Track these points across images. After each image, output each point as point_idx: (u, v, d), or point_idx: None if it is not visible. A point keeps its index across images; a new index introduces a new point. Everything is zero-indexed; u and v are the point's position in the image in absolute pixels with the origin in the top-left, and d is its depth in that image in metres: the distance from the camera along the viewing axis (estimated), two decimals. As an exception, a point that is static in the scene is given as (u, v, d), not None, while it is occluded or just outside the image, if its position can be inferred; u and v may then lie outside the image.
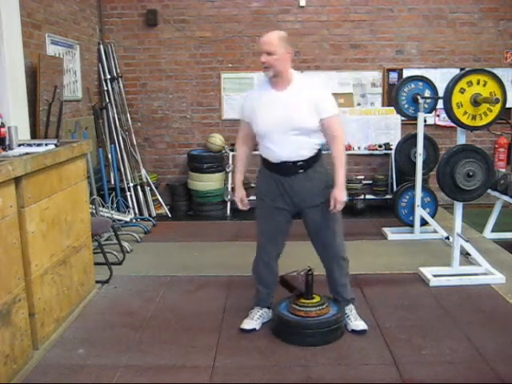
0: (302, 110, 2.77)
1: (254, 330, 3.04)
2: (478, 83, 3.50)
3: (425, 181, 5.26)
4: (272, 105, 2.81)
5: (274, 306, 3.08)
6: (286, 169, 2.85)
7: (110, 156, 5.72)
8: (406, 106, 4.89)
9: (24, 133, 3.76)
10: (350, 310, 3.09)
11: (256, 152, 3.03)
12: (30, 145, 3.18)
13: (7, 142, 3.07)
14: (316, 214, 2.94)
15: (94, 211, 4.70)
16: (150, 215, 5.85)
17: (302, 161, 2.85)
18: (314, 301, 2.96)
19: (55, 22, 4.77)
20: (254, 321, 3.08)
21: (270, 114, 2.80)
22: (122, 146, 5.88)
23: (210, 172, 5.98)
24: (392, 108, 5.42)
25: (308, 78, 3.00)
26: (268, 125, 2.82)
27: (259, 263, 3.12)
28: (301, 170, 2.86)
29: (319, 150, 2.94)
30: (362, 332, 2.98)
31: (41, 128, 4.18)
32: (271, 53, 2.72)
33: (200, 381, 2.55)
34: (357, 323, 3.02)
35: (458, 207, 3.82)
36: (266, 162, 2.94)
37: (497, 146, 6.28)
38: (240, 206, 3.05)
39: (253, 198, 3.10)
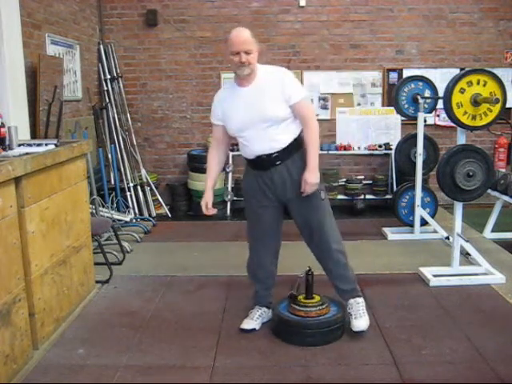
0: (269, 101, 2.73)
1: (253, 329, 3.03)
2: (478, 83, 3.50)
3: (425, 181, 5.26)
4: (239, 102, 2.80)
5: (274, 306, 3.08)
6: (263, 162, 2.83)
7: (110, 156, 5.72)
8: (406, 105, 4.89)
9: (24, 133, 3.76)
10: (352, 306, 2.99)
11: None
12: (30, 145, 3.18)
13: (7, 142, 3.07)
14: (300, 206, 2.88)
15: (94, 211, 4.70)
16: (149, 215, 5.85)
17: (276, 152, 2.79)
18: (314, 301, 2.96)
19: (55, 21, 4.77)
20: (254, 320, 3.07)
21: (238, 112, 2.79)
22: (122, 146, 5.88)
23: (210, 172, 5.96)
24: (392, 108, 5.42)
25: (271, 67, 2.89)
26: (238, 122, 2.81)
27: (252, 264, 3.13)
28: (278, 162, 2.81)
29: (295, 140, 2.83)
30: (359, 333, 2.91)
31: (41, 128, 4.18)
32: (249, 51, 2.68)
33: (200, 381, 2.55)
34: (356, 322, 2.93)
35: (458, 207, 3.82)
36: (246, 160, 2.98)
37: (497, 145, 6.28)
38: (204, 211, 3.06)
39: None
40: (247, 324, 3.06)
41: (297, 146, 2.83)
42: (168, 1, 6.11)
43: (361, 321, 2.94)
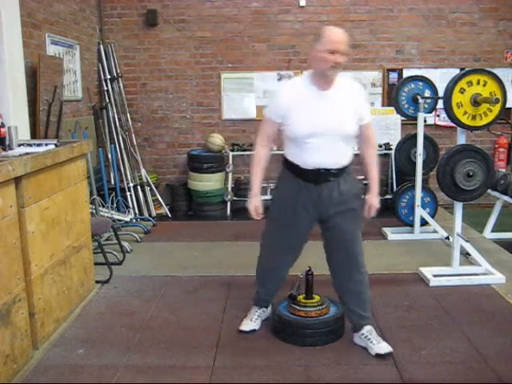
0: (347, 114, 2.59)
1: (253, 330, 3.02)
2: (478, 83, 3.50)
3: (425, 181, 5.26)
4: (317, 104, 2.56)
5: (274, 306, 3.08)
6: (319, 176, 2.64)
7: (109, 156, 5.72)
8: (406, 105, 4.89)
9: (24, 133, 3.76)
10: (370, 332, 2.80)
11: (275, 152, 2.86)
12: (29, 145, 3.18)
13: (7, 142, 3.07)
14: (340, 221, 2.71)
15: (94, 211, 4.70)
16: (149, 215, 5.85)
17: (337, 169, 2.65)
18: (314, 301, 2.96)
19: (55, 21, 4.77)
20: (253, 322, 3.05)
21: (315, 115, 2.55)
22: (122, 146, 5.88)
23: (210, 172, 5.98)
24: (392, 108, 5.42)
25: (345, 77, 2.69)
26: (311, 127, 2.55)
27: (264, 267, 3.00)
28: (332, 179, 2.66)
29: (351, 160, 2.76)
30: (387, 355, 2.72)
31: (41, 128, 4.18)
32: (344, 53, 2.50)
33: (200, 381, 2.55)
34: (381, 346, 2.75)
35: (458, 207, 3.82)
36: (293, 168, 2.69)
37: (497, 145, 6.28)
38: (254, 216, 2.77)
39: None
40: (246, 325, 3.04)
41: (350, 165, 2.76)
42: (168, 1, 6.11)
43: (384, 343, 2.79)
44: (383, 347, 2.75)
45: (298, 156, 2.66)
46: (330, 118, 2.55)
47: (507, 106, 3.80)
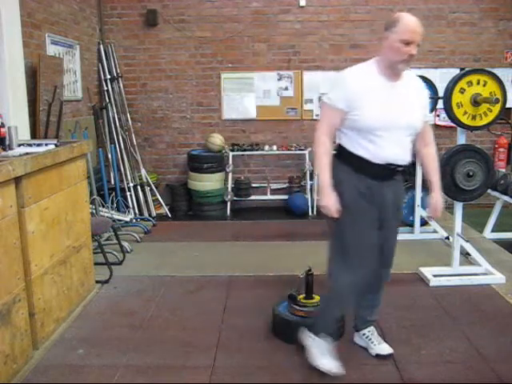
0: (416, 109, 2.43)
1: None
2: (478, 83, 3.50)
3: (425, 181, 5.25)
4: (389, 96, 2.36)
5: (274, 306, 3.08)
6: (386, 172, 2.43)
7: (109, 156, 5.72)
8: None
9: (24, 133, 3.76)
10: (372, 333, 2.78)
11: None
12: (29, 145, 3.18)
13: (7, 142, 3.07)
14: (393, 228, 2.57)
15: (94, 211, 4.70)
16: (149, 215, 5.85)
17: (402, 166, 2.46)
18: (314, 301, 2.96)
19: (55, 21, 4.78)
20: (333, 358, 2.58)
21: (388, 108, 2.34)
22: (122, 146, 5.88)
23: (210, 172, 5.98)
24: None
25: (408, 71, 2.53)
26: (384, 119, 2.34)
27: (354, 286, 2.51)
28: (396, 176, 2.49)
29: None
30: (388, 356, 2.70)
31: (41, 128, 4.18)
32: (419, 44, 2.35)
33: (200, 381, 2.55)
34: (382, 347, 2.73)
35: (458, 207, 3.82)
36: (356, 161, 2.41)
37: (497, 145, 6.28)
38: (334, 214, 2.39)
39: (254, 197, 3.07)
40: (333, 365, 2.54)
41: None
42: (168, 1, 6.11)
43: (385, 344, 2.77)
44: (385, 348, 2.73)
45: (365, 149, 2.39)
46: (401, 111, 2.37)
47: (507, 105, 3.79)
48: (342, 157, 2.47)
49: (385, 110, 2.34)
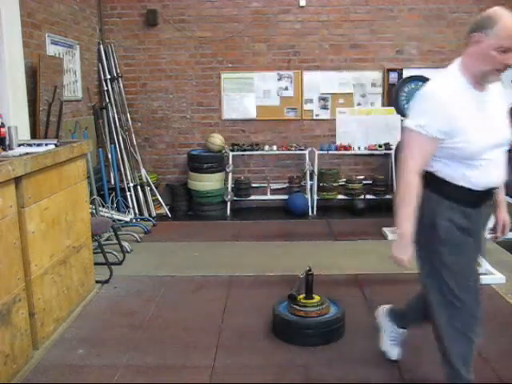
0: (505, 121, 2.07)
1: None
2: (478, 83, 3.49)
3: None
4: (482, 112, 1.99)
5: (274, 306, 3.08)
6: (483, 198, 2.06)
7: (109, 156, 5.72)
8: (407, 106, 4.88)
9: (24, 133, 3.76)
10: (402, 335, 2.71)
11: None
12: (29, 145, 3.18)
13: (7, 142, 3.07)
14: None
15: (94, 211, 4.70)
16: (149, 215, 5.85)
17: (497, 187, 2.12)
18: (314, 301, 2.96)
19: (55, 22, 4.78)
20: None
21: (484, 126, 1.96)
22: (122, 146, 5.88)
23: (210, 172, 5.98)
24: (392, 108, 5.42)
25: None
26: (487, 141, 1.96)
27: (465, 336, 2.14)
28: (490, 201, 2.13)
29: None
30: (393, 361, 2.68)
31: (41, 128, 4.18)
32: None
33: (200, 381, 2.55)
34: (395, 350, 2.70)
35: (458, 207, 3.81)
36: (459, 192, 2.01)
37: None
38: (405, 266, 2.23)
39: (254, 197, 3.06)
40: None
41: None
42: (168, 1, 6.11)
43: (398, 349, 2.72)
44: (396, 352, 2.68)
45: (469, 177, 1.99)
46: (497, 127, 2.02)
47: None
48: (436, 187, 2.05)
49: (486, 130, 1.96)
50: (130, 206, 5.70)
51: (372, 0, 6.07)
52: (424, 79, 4.89)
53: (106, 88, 5.89)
